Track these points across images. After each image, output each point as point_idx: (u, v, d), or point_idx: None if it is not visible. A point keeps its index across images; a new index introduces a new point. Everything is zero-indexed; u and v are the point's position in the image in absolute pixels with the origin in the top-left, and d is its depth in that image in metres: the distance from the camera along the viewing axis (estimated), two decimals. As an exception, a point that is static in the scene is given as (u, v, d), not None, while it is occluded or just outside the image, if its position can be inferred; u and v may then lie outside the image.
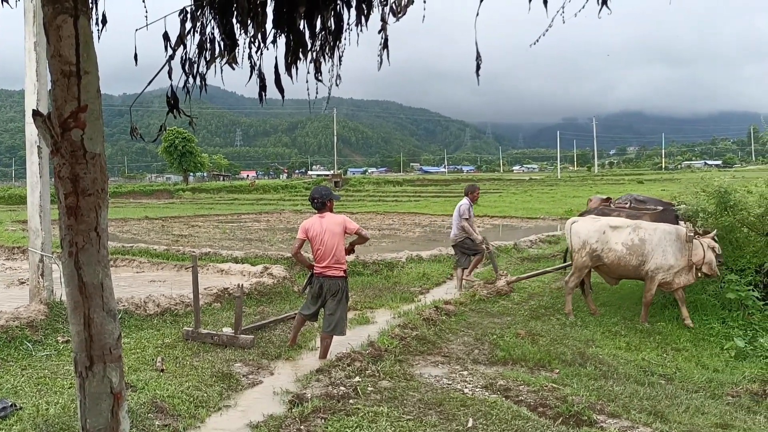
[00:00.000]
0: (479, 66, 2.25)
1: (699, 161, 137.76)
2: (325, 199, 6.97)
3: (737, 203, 9.33)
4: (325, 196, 7.00)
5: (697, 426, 4.96)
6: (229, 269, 12.31)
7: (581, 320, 8.75)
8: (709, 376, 6.50)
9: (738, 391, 6.05)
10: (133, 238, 20.37)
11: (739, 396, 5.94)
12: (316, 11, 2.37)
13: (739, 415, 5.40)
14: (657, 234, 8.51)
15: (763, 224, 9.33)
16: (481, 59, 2.23)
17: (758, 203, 9.48)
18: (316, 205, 6.96)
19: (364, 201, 47.03)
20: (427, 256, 14.09)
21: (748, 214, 9.40)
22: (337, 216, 6.98)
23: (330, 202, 7.02)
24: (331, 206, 7.04)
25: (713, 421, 5.12)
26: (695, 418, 5.18)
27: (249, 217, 32.44)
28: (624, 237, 8.67)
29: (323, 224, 6.82)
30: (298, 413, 4.96)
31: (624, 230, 8.74)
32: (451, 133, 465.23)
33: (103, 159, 2.27)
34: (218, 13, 2.45)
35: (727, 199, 9.31)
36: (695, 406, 5.46)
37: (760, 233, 9.31)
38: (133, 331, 7.77)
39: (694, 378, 6.40)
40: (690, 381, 6.31)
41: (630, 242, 8.58)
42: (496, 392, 5.67)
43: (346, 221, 6.91)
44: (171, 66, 2.60)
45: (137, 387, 5.60)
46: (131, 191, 67.32)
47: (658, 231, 8.55)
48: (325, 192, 7.10)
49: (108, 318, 2.31)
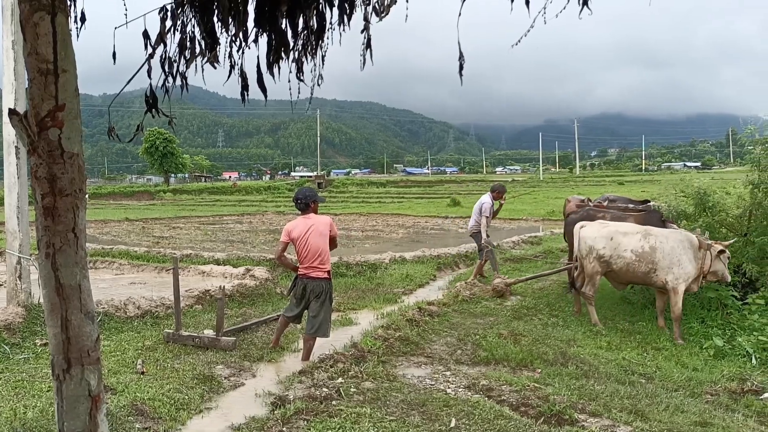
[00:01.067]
0: (462, 66, 2.25)
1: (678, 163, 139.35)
2: (309, 200, 6.93)
3: (716, 204, 9.46)
4: (309, 197, 6.97)
5: (676, 424, 5.01)
6: (211, 271, 12.23)
7: (563, 320, 8.81)
8: (689, 374, 6.56)
9: (717, 390, 6.12)
10: (113, 240, 20.16)
11: (718, 394, 6.01)
12: (299, 10, 2.36)
13: (718, 413, 5.46)
14: (669, 242, 8.26)
15: (741, 225, 9.47)
16: (464, 59, 2.23)
17: (736, 204, 9.62)
18: (300, 206, 6.93)
19: (348, 202, 46.99)
20: (410, 257, 14.10)
21: (726, 215, 9.53)
22: (324, 217, 6.96)
23: (314, 204, 6.98)
24: (315, 208, 7.01)
25: (692, 419, 5.17)
26: (675, 416, 5.23)
27: (231, 218, 32.26)
28: (634, 244, 8.46)
29: (308, 225, 6.79)
30: (280, 415, 4.93)
31: (634, 237, 8.53)
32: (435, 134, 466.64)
33: (81, 159, 2.24)
34: (199, 11, 2.43)
35: (705, 200, 9.44)
36: (675, 405, 5.51)
37: (738, 234, 9.43)
38: (113, 334, 7.69)
39: (674, 377, 6.46)
40: (670, 380, 6.37)
41: (640, 249, 8.36)
42: (479, 392, 5.69)
43: (332, 224, 6.91)
44: (150, 65, 2.57)
45: (117, 390, 5.54)
46: (111, 192, 66.70)
47: (671, 239, 8.30)
48: (309, 193, 7.06)
49: (86, 320, 2.28)
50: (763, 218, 9.17)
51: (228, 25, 2.43)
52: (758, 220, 9.26)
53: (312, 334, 6.80)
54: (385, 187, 73.49)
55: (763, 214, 9.17)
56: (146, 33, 2.54)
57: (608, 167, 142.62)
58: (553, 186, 63.92)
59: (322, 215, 7.01)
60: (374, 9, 2.35)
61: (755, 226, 9.23)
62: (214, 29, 2.44)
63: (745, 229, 9.34)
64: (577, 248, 9.04)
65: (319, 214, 7.02)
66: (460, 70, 2.26)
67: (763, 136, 9.36)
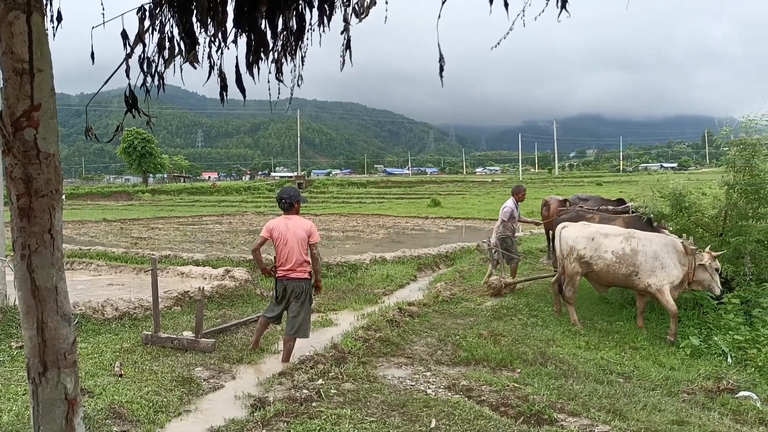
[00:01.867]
0: (442, 67, 2.25)
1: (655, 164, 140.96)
2: (293, 200, 6.90)
3: (692, 205, 9.59)
4: (293, 197, 6.94)
5: (654, 423, 5.07)
6: (190, 272, 12.13)
7: (542, 320, 8.87)
8: (666, 374, 6.64)
9: (693, 389, 6.21)
10: (90, 241, 19.92)
11: (695, 393, 6.10)
12: (278, 11, 2.35)
13: (695, 411, 5.54)
14: (653, 245, 8.21)
15: (716, 225, 9.61)
16: (444, 60, 2.24)
17: (712, 205, 9.75)
18: (284, 206, 6.90)
19: (328, 203, 46.93)
20: (390, 257, 14.11)
21: (702, 215, 9.66)
22: (305, 221, 6.92)
23: (297, 204, 6.96)
24: (298, 208, 6.98)
25: (670, 418, 5.24)
26: (652, 415, 5.29)
27: (210, 219, 32.05)
28: (615, 245, 8.44)
29: (289, 226, 6.77)
30: (260, 417, 4.91)
31: (615, 238, 8.51)
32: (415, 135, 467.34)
33: (57, 159, 2.21)
34: (177, 11, 2.41)
35: (682, 201, 9.55)
36: (652, 404, 5.57)
37: (714, 234, 9.57)
38: (90, 336, 7.60)
39: (652, 376, 6.53)
40: (647, 379, 6.44)
41: (621, 251, 8.34)
42: (459, 392, 5.71)
43: (313, 229, 6.85)
44: (129, 65, 2.55)
45: (94, 393, 5.47)
46: (89, 193, 65.98)
47: (654, 242, 8.27)
48: (293, 193, 7.04)
49: (62, 322, 2.25)
50: (738, 218, 9.31)
51: (207, 25, 2.42)
52: (733, 220, 9.40)
53: (292, 335, 6.77)
54: (365, 187, 73.48)
55: (738, 214, 9.31)
56: (124, 33, 2.52)
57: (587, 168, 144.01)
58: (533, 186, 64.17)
59: (306, 220, 6.97)
60: (354, 10, 2.35)
61: (730, 226, 9.36)
62: (193, 29, 2.42)
63: (721, 230, 9.48)
64: (558, 249, 9.10)
65: (301, 217, 6.99)
66: (441, 71, 2.27)
67: (738, 137, 9.50)
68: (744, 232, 9.02)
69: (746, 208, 9.21)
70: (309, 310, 6.91)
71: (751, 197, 9.08)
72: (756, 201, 9.10)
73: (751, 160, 9.11)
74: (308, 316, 6.89)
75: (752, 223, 9.07)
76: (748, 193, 9.06)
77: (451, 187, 69.49)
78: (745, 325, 7.93)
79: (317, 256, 6.91)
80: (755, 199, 9.08)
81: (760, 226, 9.02)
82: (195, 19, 2.40)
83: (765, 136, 9.25)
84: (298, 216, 6.93)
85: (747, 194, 9.08)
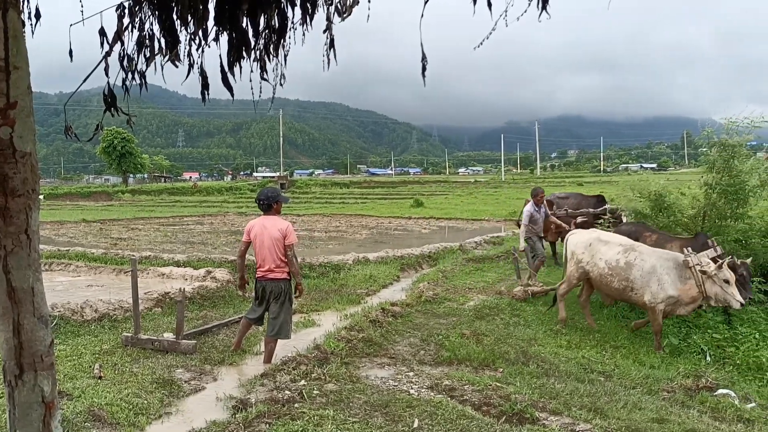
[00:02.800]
0: (425, 67, 2.25)
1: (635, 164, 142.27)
2: (271, 201, 6.85)
3: (672, 205, 9.70)
4: (272, 198, 6.87)
5: (634, 421, 5.11)
6: (171, 273, 12.03)
7: (524, 320, 8.91)
8: (646, 372, 6.71)
9: (673, 387, 6.27)
10: (69, 242, 19.68)
11: (674, 391, 6.16)
12: (260, 9, 2.33)
13: (674, 409, 5.60)
14: (650, 260, 7.71)
15: (695, 225, 9.72)
16: (427, 60, 2.23)
17: (691, 205, 9.88)
18: (262, 207, 6.86)
19: (311, 203, 46.79)
20: (373, 258, 14.09)
21: (681, 215, 9.78)
22: (282, 221, 6.85)
23: (277, 204, 6.89)
24: (278, 208, 6.92)
25: (650, 416, 5.29)
26: (633, 413, 5.34)
27: (191, 219, 31.80)
28: (610, 255, 8.10)
29: (266, 226, 6.73)
30: (241, 419, 4.88)
31: (613, 248, 8.16)
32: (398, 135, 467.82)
33: (34, 158, 2.18)
34: (157, 8, 2.38)
35: (662, 201, 9.66)
36: (633, 402, 5.62)
37: (692, 233, 9.68)
38: (69, 338, 7.50)
39: (632, 374, 6.59)
40: (628, 377, 6.50)
41: (614, 263, 7.97)
42: (442, 392, 5.71)
43: (289, 231, 6.74)
44: (108, 63, 2.51)
45: (73, 395, 5.41)
46: (68, 193, 65.22)
47: (653, 258, 7.74)
48: (271, 194, 6.97)
49: (39, 324, 2.21)
50: (717, 218, 9.44)
51: (187, 23, 2.39)
52: (712, 219, 9.52)
53: (273, 337, 6.74)
54: (348, 187, 73.41)
55: (717, 214, 9.44)
56: (103, 30, 2.48)
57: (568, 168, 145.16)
58: (515, 187, 64.66)
59: (283, 221, 6.88)
60: (336, 9, 2.34)
61: (709, 225, 9.48)
62: (173, 27, 2.40)
63: (700, 229, 9.59)
64: (564, 252, 9.07)
65: (281, 218, 6.93)
66: (423, 71, 2.27)
67: (719, 138, 9.63)
68: (723, 231, 9.15)
69: (725, 209, 9.34)
70: (289, 310, 6.87)
71: (730, 197, 9.21)
72: (735, 201, 9.24)
73: (730, 161, 9.24)
74: (289, 317, 6.85)
75: (731, 223, 9.20)
76: (728, 193, 9.19)
77: (434, 187, 69.64)
78: (723, 324, 8.03)
79: (292, 258, 6.74)
80: (734, 199, 9.21)
81: (739, 226, 9.15)
82: (175, 16, 2.37)
83: (745, 138, 9.38)
84: (276, 217, 6.87)
85: (726, 194, 9.21)
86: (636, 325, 8.32)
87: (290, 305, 6.91)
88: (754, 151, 10.39)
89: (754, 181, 9.20)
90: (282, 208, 7.07)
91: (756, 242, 9.08)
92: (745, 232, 9.16)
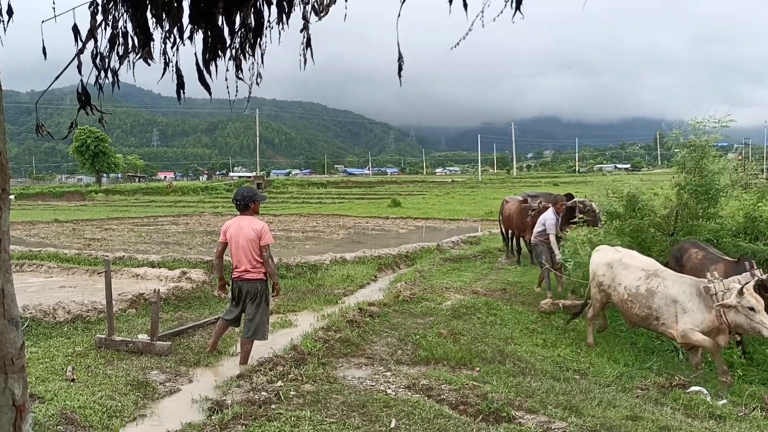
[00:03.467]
0: (401, 67, 2.25)
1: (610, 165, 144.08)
2: (248, 200, 6.79)
3: (645, 205, 9.83)
4: (248, 198, 6.81)
5: (609, 419, 5.17)
6: (145, 274, 11.89)
7: (500, 319, 8.97)
8: (620, 370, 6.80)
9: (647, 384, 6.36)
10: (41, 242, 19.36)
11: (648, 389, 6.24)
12: (236, 7, 2.31)
13: (648, 407, 5.67)
14: (674, 288, 6.95)
15: (668, 225, 9.87)
16: (403, 60, 2.23)
17: (664, 205, 10.02)
18: (239, 207, 6.80)
19: (288, 203, 46.62)
20: (351, 258, 14.08)
21: (654, 215, 9.91)
22: (257, 222, 6.80)
23: (254, 204, 6.83)
24: (255, 208, 6.86)
25: (624, 413, 5.35)
26: (607, 411, 5.40)
27: (166, 219, 31.48)
28: (629, 280, 7.48)
29: (241, 226, 6.68)
30: (217, 420, 4.84)
31: (634, 273, 7.50)
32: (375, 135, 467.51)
33: (4, 157, 2.13)
34: (131, 6, 2.35)
35: (635, 201, 9.79)
36: (607, 400, 5.69)
37: (665, 233, 9.83)
38: (41, 340, 7.39)
39: (606, 372, 6.67)
40: (602, 375, 6.58)
41: (634, 289, 7.32)
42: (419, 392, 5.72)
43: (264, 231, 6.68)
44: (81, 60, 2.47)
45: (45, 398, 5.32)
46: (40, 193, 64.11)
47: (676, 284, 6.97)
48: (247, 193, 6.90)
49: (9, 326, 2.17)
50: (689, 218, 9.58)
51: (162, 21, 2.36)
52: (684, 220, 9.67)
53: (249, 338, 6.69)
54: (325, 187, 73.26)
55: (688, 214, 9.58)
56: (76, 28, 2.44)
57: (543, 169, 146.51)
58: (492, 187, 65.10)
59: (258, 221, 6.83)
60: (313, 8, 2.33)
61: (681, 226, 9.63)
62: (147, 25, 2.37)
63: (672, 229, 9.74)
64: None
65: (258, 218, 6.87)
66: (400, 70, 2.27)
67: (688, 139, 9.78)
68: (695, 231, 9.29)
69: (696, 208, 9.48)
70: (266, 311, 6.82)
71: (701, 197, 9.36)
72: (705, 201, 9.38)
73: (700, 161, 9.39)
74: (265, 317, 6.80)
75: (702, 223, 9.34)
76: (698, 193, 9.33)
77: (412, 187, 69.79)
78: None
79: (268, 259, 6.70)
80: (705, 199, 9.36)
81: (710, 226, 9.30)
82: (150, 14, 2.34)
83: (713, 138, 9.54)
84: (252, 217, 6.82)
85: (697, 194, 9.36)
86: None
87: (267, 306, 6.85)
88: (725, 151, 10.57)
89: (724, 180, 9.37)
90: (260, 208, 7.01)
91: (727, 242, 9.25)
92: (717, 232, 9.32)
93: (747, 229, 9.48)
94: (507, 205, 15.20)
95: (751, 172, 15.51)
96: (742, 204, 9.88)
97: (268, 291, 6.86)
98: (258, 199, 6.92)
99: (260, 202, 6.97)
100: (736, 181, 9.80)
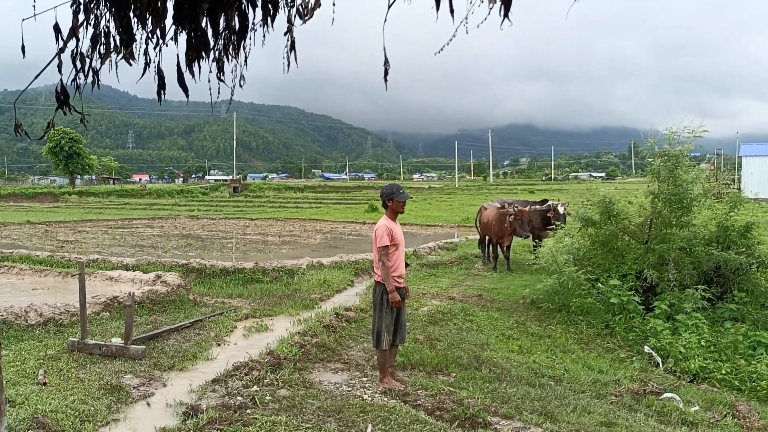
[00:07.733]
0: (387, 71, 2.26)
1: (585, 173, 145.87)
2: (384, 198, 6.23)
3: (619, 213, 9.96)
4: (385, 195, 6.23)
5: (584, 425, 5.23)
6: (120, 277, 11.73)
7: (477, 325, 9.01)
8: (595, 376, 6.87)
9: (621, 391, 6.44)
10: (13, 244, 19.01)
11: (622, 395, 6.32)
12: (220, 9, 2.30)
13: (622, 413, 5.74)
14: None
15: (642, 233, 10.01)
16: (389, 64, 2.24)
17: (638, 213, 10.18)
18: (383, 206, 6.32)
19: (265, 207, 46.35)
20: (328, 263, 14.03)
21: (629, 223, 10.06)
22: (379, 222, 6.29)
23: (392, 202, 6.19)
24: (394, 206, 6.23)
25: (598, 419, 5.41)
26: (582, 417, 5.46)
27: (141, 222, 31.09)
28: None
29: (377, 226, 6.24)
30: (192, 425, 4.80)
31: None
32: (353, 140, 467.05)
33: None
34: (114, 5, 2.33)
35: (610, 209, 9.92)
36: (582, 406, 5.75)
37: (639, 241, 9.97)
38: (12, 343, 7.25)
39: (581, 379, 6.74)
40: (577, 382, 6.64)
41: None
42: (395, 397, 5.73)
43: (377, 233, 6.17)
44: (61, 60, 2.44)
45: (16, 402, 5.22)
46: (11, 193, 62.92)
47: None
48: (386, 190, 6.26)
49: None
50: (663, 226, 9.74)
51: (145, 21, 2.34)
52: (658, 228, 9.82)
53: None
54: (302, 192, 73.00)
55: (662, 222, 9.74)
56: (57, 26, 2.41)
57: (520, 176, 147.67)
58: (468, 193, 65.37)
59: (380, 221, 6.27)
60: (298, 12, 2.33)
61: (655, 233, 9.78)
62: (130, 24, 2.35)
63: (646, 237, 9.88)
64: None
65: (385, 218, 6.31)
66: (385, 74, 2.27)
67: (662, 149, 9.94)
68: (668, 239, 9.43)
69: (670, 217, 9.64)
70: (381, 318, 6.24)
71: (674, 206, 9.52)
72: (679, 209, 9.55)
73: (674, 170, 9.55)
74: (381, 324, 6.20)
75: (676, 231, 9.50)
76: (672, 202, 9.49)
77: (388, 192, 69.72)
78: (668, 330, 8.27)
79: (380, 261, 6.24)
80: (678, 207, 9.52)
81: (683, 234, 9.45)
82: (132, 14, 2.33)
83: (687, 148, 9.72)
84: (384, 216, 6.30)
85: (671, 203, 9.52)
86: None
87: (381, 313, 6.22)
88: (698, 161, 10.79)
89: (698, 190, 9.53)
90: (400, 207, 6.26)
91: (700, 250, 9.41)
92: (690, 240, 9.47)
93: (719, 238, 9.66)
94: (485, 212, 15.29)
95: (724, 181, 15.82)
96: (714, 213, 10.06)
97: (385, 296, 6.25)
98: (395, 198, 6.21)
99: (400, 202, 6.22)
100: (709, 191, 9.98)
